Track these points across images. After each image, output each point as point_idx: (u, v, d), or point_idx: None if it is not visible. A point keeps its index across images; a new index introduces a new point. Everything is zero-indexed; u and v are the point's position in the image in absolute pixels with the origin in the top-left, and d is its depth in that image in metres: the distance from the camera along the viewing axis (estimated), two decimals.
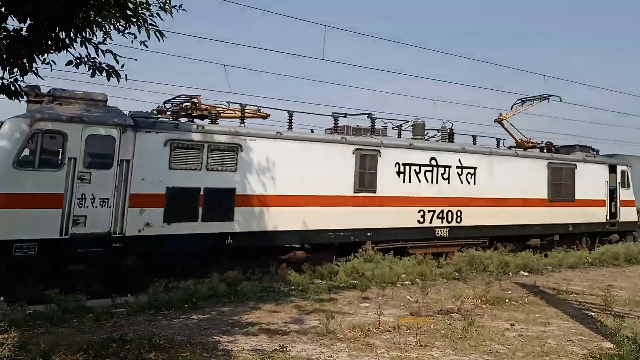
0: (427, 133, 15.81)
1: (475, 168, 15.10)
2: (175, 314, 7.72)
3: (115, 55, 5.95)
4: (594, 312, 8.64)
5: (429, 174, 14.17)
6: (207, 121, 12.01)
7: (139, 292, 8.93)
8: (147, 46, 6.19)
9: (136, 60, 6.22)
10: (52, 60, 5.75)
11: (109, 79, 5.90)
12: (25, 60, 5.20)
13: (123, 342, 5.97)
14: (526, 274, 12.53)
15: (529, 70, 29.97)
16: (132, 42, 6.05)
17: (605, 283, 11.54)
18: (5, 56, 5.01)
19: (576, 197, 17.44)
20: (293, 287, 9.61)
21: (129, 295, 8.90)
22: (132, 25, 5.78)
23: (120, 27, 5.83)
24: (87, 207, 9.56)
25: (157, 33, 5.89)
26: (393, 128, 15.24)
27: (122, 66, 6.04)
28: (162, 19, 5.95)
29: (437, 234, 14.30)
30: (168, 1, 5.98)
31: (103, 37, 5.84)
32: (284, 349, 6.05)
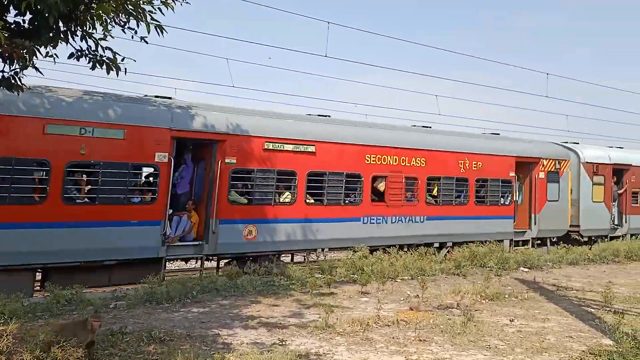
0: None
1: None
2: (175, 307, 7.74)
3: (114, 53, 5.95)
4: (593, 308, 8.65)
5: None
6: None
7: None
8: (147, 42, 6.18)
9: (135, 61, 6.17)
10: (55, 54, 5.76)
11: (108, 72, 5.90)
12: (25, 53, 5.19)
13: (122, 335, 6.00)
14: (526, 270, 12.53)
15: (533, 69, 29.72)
16: (132, 37, 6.04)
17: (606, 280, 11.56)
18: (5, 48, 5.01)
19: None
20: (293, 282, 9.62)
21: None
22: (132, 20, 5.76)
23: (121, 22, 5.82)
24: None
25: (158, 28, 5.88)
26: None
27: (123, 59, 6.05)
28: (163, 14, 5.94)
29: None
30: None
31: (103, 32, 5.83)
32: (283, 343, 6.07)
